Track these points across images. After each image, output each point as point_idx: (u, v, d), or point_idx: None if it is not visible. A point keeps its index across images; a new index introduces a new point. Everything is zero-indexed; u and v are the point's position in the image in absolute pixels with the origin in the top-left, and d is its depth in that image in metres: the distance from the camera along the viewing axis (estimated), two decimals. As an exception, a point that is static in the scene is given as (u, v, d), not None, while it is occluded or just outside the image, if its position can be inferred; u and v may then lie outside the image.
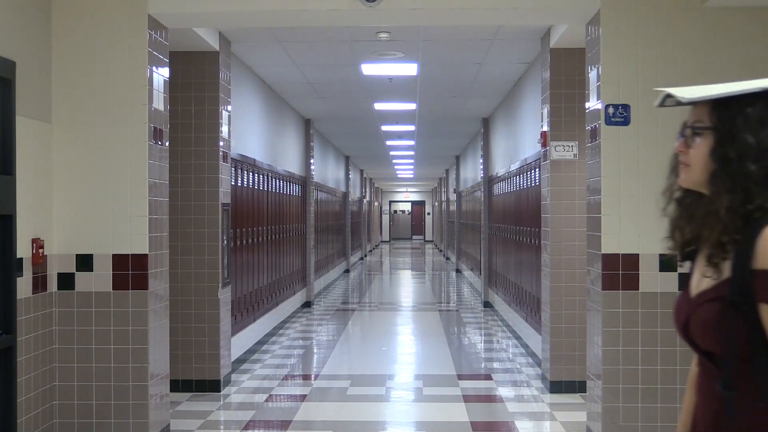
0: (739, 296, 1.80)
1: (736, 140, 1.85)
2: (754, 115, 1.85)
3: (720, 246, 1.86)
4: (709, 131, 1.90)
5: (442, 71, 9.77)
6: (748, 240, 1.78)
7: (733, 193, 1.84)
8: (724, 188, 1.85)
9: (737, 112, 1.87)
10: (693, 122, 1.94)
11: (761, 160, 1.83)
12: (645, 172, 5.31)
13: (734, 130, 1.86)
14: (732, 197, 1.84)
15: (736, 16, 5.29)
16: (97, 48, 5.45)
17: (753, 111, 1.85)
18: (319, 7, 5.48)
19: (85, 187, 5.45)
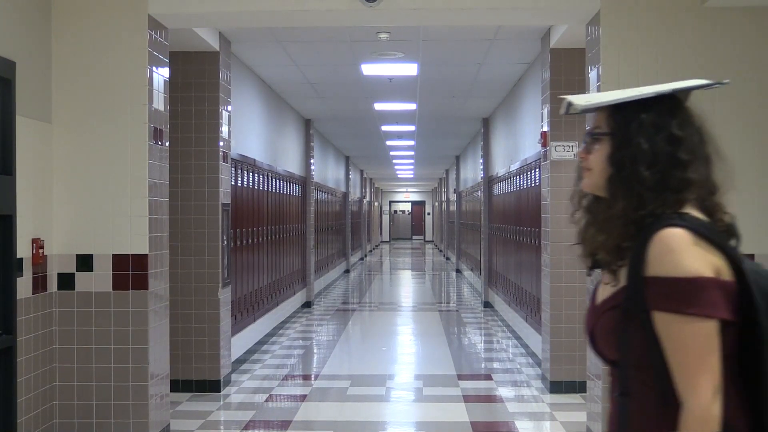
0: (632, 304, 1.79)
1: (631, 146, 1.84)
2: (648, 121, 1.84)
3: (616, 252, 1.84)
4: (607, 137, 1.88)
5: (442, 71, 9.77)
6: (640, 246, 1.77)
7: (627, 198, 1.83)
8: (620, 193, 1.84)
9: (632, 118, 1.86)
10: (593, 128, 1.92)
11: (654, 166, 1.82)
12: (645, 172, 5.30)
13: (629, 136, 1.85)
14: (626, 203, 1.83)
15: (736, 16, 5.29)
16: (97, 48, 5.45)
17: (647, 117, 1.85)
18: (319, 7, 5.47)
19: (85, 187, 5.45)
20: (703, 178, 1.86)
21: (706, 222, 1.81)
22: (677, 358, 1.73)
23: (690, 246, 1.74)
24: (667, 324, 1.73)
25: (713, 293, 1.72)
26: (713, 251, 1.77)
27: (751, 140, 5.31)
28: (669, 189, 1.82)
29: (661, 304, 1.73)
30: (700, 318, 1.71)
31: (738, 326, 1.76)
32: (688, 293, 1.71)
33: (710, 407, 1.70)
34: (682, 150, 1.84)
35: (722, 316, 1.73)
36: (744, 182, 5.28)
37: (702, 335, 1.71)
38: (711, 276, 1.73)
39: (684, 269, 1.72)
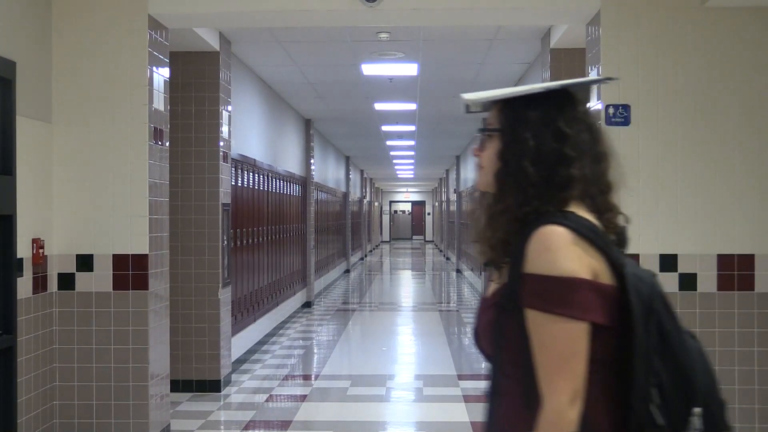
0: (508, 301, 1.76)
1: (517, 142, 1.82)
2: (536, 117, 1.82)
3: (501, 248, 1.82)
4: (497, 133, 1.87)
5: (442, 71, 9.77)
6: (521, 243, 1.74)
7: (512, 194, 1.81)
8: (505, 189, 1.82)
9: (520, 114, 1.84)
10: (486, 125, 1.91)
11: (540, 163, 1.79)
12: (645, 172, 5.31)
13: (516, 132, 1.83)
14: (511, 199, 1.81)
15: (736, 16, 5.29)
16: (98, 48, 5.45)
17: (535, 113, 1.82)
18: (319, 7, 5.48)
19: (86, 187, 5.45)
20: (591, 176, 1.81)
21: (591, 222, 1.77)
22: (540, 358, 1.69)
23: (568, 245, 1.70)
24: (535, 322, 1.70)
25: (586, 295, 1.68)
26: (593, 252, 1.73)
27: (752, 140, 5.31)
28: (554, 186, 1.78)
29: (532, 302, 1.70)
30: (567, 319, 1.67)
31: (617, 331, 1.71)
32: (558, 293, 1.68)
33: (566, 411, 1.66)
34: (568, 147, 1.79)
35: (593, 320, 1.69)
36: (744, 182, 5.30)
37: (567, 337, 1.67)
38: (585, 277, 1.69)
39: (558, 268, 1.68)
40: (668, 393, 1.67)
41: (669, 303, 1.74)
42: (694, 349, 1.73)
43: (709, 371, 1.73)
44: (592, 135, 1.85)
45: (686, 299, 5.29)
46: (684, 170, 5.31)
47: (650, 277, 1.74)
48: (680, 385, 1.68)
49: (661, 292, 1.73)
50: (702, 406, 1.68)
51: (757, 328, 5.27)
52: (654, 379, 1.67)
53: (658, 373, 1.67)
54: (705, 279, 5.29)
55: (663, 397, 1.67)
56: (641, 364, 1.67)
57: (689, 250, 5.30)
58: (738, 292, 5.28)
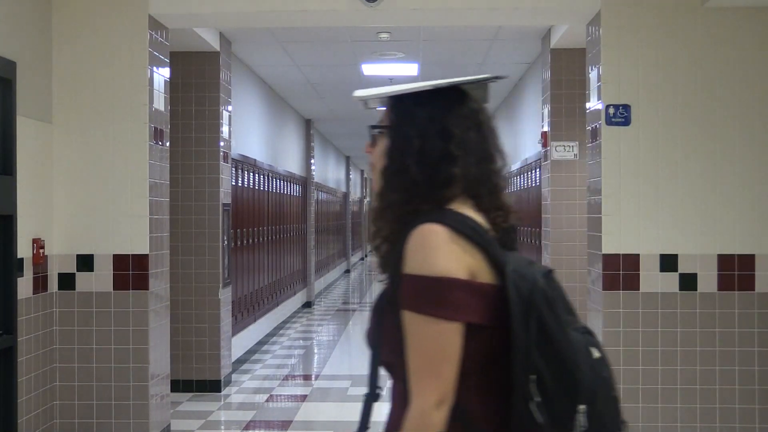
0: (387, 301, 1.75)
1: (403, 140, 1.80)
2: (422, 116, 1.80)
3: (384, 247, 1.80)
4: (386, 131, 1.85)
5: (442, 71, 9.76)
6: (402, 242, 1.71)
7: (395, 192, 1.78)
8: (389, 187, 1.80)
9: (407, 112, 1.81)
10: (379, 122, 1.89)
11: (423, 161, 1.77)
12: (645, 172, 5.31)
13: (403, 130, 1.81)
14: (394, 197, 1.78)
15: (736, 17, 5.29)
16: (98, 48, 5.45)
17: (422, 110, 1.80)
18: (319, 8, 5.48)
19: (86, 187, 5.45)
20: (477, 175, 1.79)
21: (472, 220, 1.73)
22: (411, 359, 1.67)
23: (444, 244, 1.67)
24: (408, 323, 1.67)
25: (459, 295, 1.65)
26: (473, 251, 1.69)
27: (753, 140, 5.31)
28: (437, 184, 1.76)
29: (406, 302, 1.67)
30: (439, 320, 1.64)
31: (499, 330, 1.67)
32: (431, 293, 1.65)
33: (431, 413, 1.64)
34: (453, 145, 1.77)
35: (467, 320, 1.66)
36: (745, 182, 5.30)
37: (438, 338, 1.64)
38: (460, 277, 1.66)
39: (432, 267, 1.65)
40: (551, 391, 1.63)
41: (553, 300, 1.69)
42: (580, 346, 1.68)
43: (595, 368, 1.68)
44: (480, 134, 1.83)
45: (687, 299, 5.29)
46: (684, 170, 5.31)
47: (534, 275, 1.70)
48: (563, 383, 1.63)
49: (544, 289, 1.68)
50: (587, 404, 1.64)
51: (758, 328, 5.27)
52: (534, 377, 1.63)
53: (539, 371, 1.63)
54: (705, 279, 5.29)
55: (545, 395, 1.63)
56: (519, 362, 1.63)
57: (690, 250, 5.30)
58: (738, 292, 5.28)
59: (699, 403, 5.25)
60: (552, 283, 1.75)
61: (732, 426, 5.24)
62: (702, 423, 5.24)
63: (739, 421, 5.24)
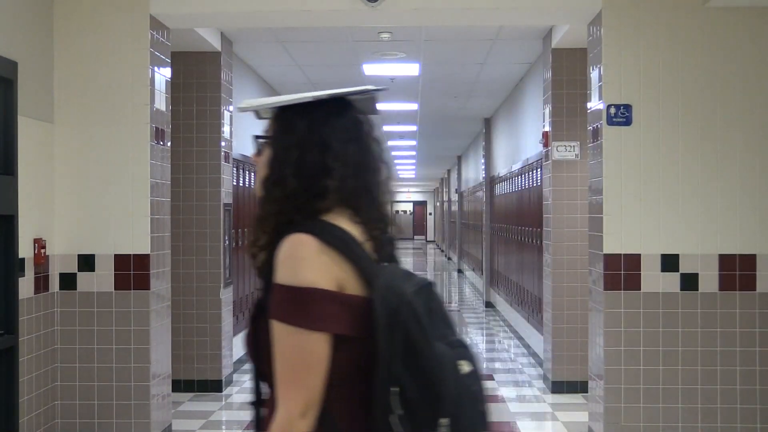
0: (259, 310, 1.77)
1: (283, 150, 1.82)
2: (302, 127, 1.82)
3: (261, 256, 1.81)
4: (270, 141, 1.86)
5: (443, 71, 9.77)
6: (275, 252, 1.73)
7: (272, 203, 1.81)
8: (268, 197, 1.82)
9: (288, 123, 1.84)
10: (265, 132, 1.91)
11: (301, 172, 1.79)
12: (647, 172, 5.31)
13: (283, 140, 1.83)
14: (271, 207, 1.81)
15: (737, 16, 5.29)
16: (99, 48, 5.46)
17: (302, 122, 1.82)
18: (320, 8, 5.48)
19: (87, 187, 5.45)
20: (355, 187, 1.80)
21: (345, 233, 1.75)
22: (278, 367, 1.69)
23: (313, 255, 1.69)
24: (276, 331, 1.69)
25: (325, 306, 1.67)
26: (342, 263, 1.71)
27: (754, 140, 5.30)
28: (312, 196, 1.78)
29: (274, 311, 1.69)
30: (304, 330, 1.66)
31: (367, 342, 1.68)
32: (298, 303, 1.67)
33: (296, 423, 1.65)
34: (330, 157, 1.79)
35: (332, 331, 1.67)
36: (746, 182, 5.29)
37: (303, 348, 1.66)
38: (327, 288, 1.68)
39: (300, 278, 1.67)
40: (414, 403, 1.64)
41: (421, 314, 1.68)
42: (446, 360, 1.69)
43: (461, 382, 1.70)
44: (360, 146, 1.84)
45: (688, 299, 5.29)
46: (686, 170, 5.31)
47: (403, 288, 1.70)
48: (426, 396, 1.64)
49: (412, 303, 1.68)
50: (449, 417, 1.65)
51: (759, 328, 5.27)
52: (397, 389, 1.64)
53: (402, 383, 1.64)
54: (707, 279, 5.28)
55: (408, 408, 1.64)
56: (381, 374, 1.65)
57: (691, 250, 5.30)
58: (740, 292, 5.28)
59: (700, 403, 5.25)
60: (428, 296, 1.76)
61: (733, 426, 5.24)
62: (703, 423, 5.24)
63: (741, 421, 5.24)
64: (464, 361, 1.73)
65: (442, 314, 1.77)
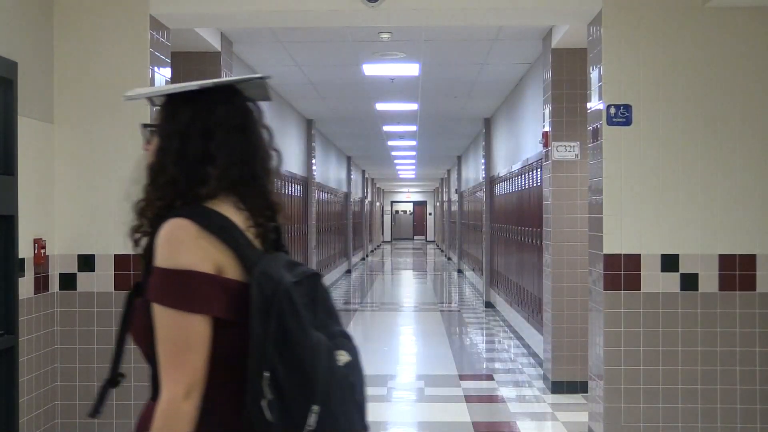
0: (139, 292, 1.80)
1: (167, 139, 1.85)
2: (186, 116, 1.84)
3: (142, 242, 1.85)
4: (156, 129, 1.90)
5: (443, 71, 9.77)
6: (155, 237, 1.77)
7: (155, 189, 1.84)
8: (151, 184, 1.86)
9: (173, 112, 1.86)
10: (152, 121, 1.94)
11: (183, 160, 1.81)
12: (646, 172, 5.31)
13: (167, 129, 1.86)
14: (153, 193, 1.84)
15: (738, 16, 5.29)
16: (99, 48, 5.46)
17: (186, 111, 1.84)
18: (320, 8, 5.48)
19: (87, 187, 5.45)
20: (239, 175, 1.83)
21: (225, 219, 1.78)
22: (160, 350, 1.71)
23: (190, 238, 1.72)
24: (156, 314, 1.72)
25: (204, 288, 1.70)
26: (221, 247, 1.74)
27: (753, 140, 5.30)
28: (193, 183, 1.81)
29: (153, 294, 1.72)
30: (184, 312, 1.69)
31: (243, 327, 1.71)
32: (175, 286, 1.70)
33: (180, 404, 1.67)
34: (213, 145, 1.82)
35: (211, 313, 1.71)
36: (746, 182, 5.29)
37: (183, 330, 1.69)
38: (205, 271, 1.71)
39: (177, 261, 1.71)
40: (285, 389, 1.67)
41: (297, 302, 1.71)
42: (322, 348, 1.71)
43: (336, 371, 1.72)
44: (246, 134, 1.87)
45: (688, 299, 5.29)
46: (685, 170, 5.31)
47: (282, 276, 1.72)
48: (298, 382, 1.67)
49: (289, 291, 1.70)
50: (320, 404, 1.68)
51: (759, 329, 5.27)
52: (268, 375, 1.66)
53: (274, 369, 1.66)
54: (706, 279, 5.28)
55: (280, 393, 1.66)
56: (254, 359, 1.67)
57: (691, 250, 5.30)
58: (740, 293, 5.28)
59: (700, 403, 5.25)
60: (313, 286, 1.78)
61: (733, 426, 5.24)
62: (703, 423, 5.24)
63: (741, 422, 5.24)
64: (343, 351, 1.76)
65: (326, 305, 1.80)
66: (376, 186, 39.65)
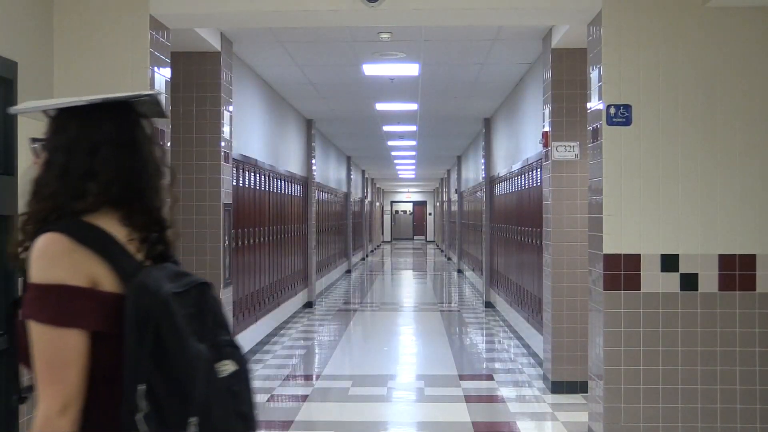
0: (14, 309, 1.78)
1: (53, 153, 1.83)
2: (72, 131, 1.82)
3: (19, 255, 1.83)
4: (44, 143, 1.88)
5: (443, 71, 9.77)
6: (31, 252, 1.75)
7: (36, 203, 1.83)
8: (34, 198, 1.84)
9: (59, 127, 1.85)
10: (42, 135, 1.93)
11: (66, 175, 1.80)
12: (646, 172, 5.31)
13: (53, 144, 1.84)
14: (33, 208, 1.83)
15: (737, 17, 5.29)
16: (99, 48, 5.46)
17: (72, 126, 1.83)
18: (320, 8, 5.48)
19: (87, 187, 5.44)
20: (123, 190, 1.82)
21: (100, 231, 1.77)
22: (36, 365, 1.70)
23: (63, 253, 1.71)
24: (31, 330, 1.71)
25: (77, 303, 1.69)
26: (96, 261, 1.73)
27: (753, 140, 5.30)
28: (73, 197, 1.79)
29: (28, 310, 1.71)
30: (56, 327, 1.68)
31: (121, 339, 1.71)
32: (49, 301, 1.68)
33: (55, 420, 1.67)
34: (97, 160, 1.81)
35: (85, 327, 1.69)
36: (746, 182, 5.29)
37: (57, 345, 1.68)
38: (78, 285, 1.70)
39: (48, 276, 1.70)
40: (164, 402, 1.66)
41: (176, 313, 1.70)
42: (201, 360, 1.71)
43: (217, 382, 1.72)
44: (134, 151, 1.86)
45: (688, 299, 5.29)
46: (685, 170, 5.31)
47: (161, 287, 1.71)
48: (175, 394, 1.67)
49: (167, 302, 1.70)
50: (199, 416, 1.67)
51: (759, 329, 5.27)
52: (144, 387, 1.66)
53: (150, 382, 1.66)
54: (706, 279, 5.29)
55: (157, 406, 1.66)
56: (128, 372, 1.67)
57: (691, 250, 5.30)
58: (739, 292, 5.28)
59: (700, 403, 5.25)
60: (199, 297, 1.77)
61: (733, 426, 5.24)
62: (703, 423, 5.24)
63: (740, 422, 5.24)
64: (228, 361, 1.76)
65: (214, 315, 1.79)
66: (376, 186, 39.65)
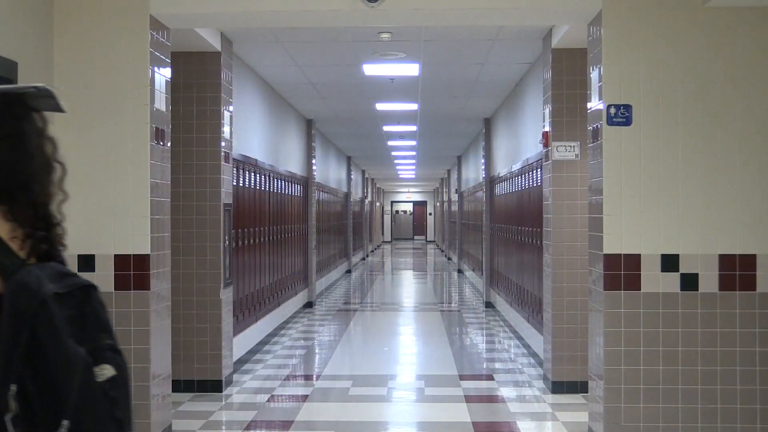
0: None
1: None
2: None
3: None
4: None
5: (443, 71, 9.77)
6: None
7: None
8: None
9: None
10: None
11: None
12: (646, 172, 5.31)
13: None
14: None
15: (737, 16, 5.29)
16: (99, 49, 5.46)
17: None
18: (320, 8, 5.48)
19: (87, 187, 5.45)
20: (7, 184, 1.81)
21: None
22: None
23: None
24: None
25: None
26: None
27: (754, 140, 5.30)
28: None
29: None
30: None
31: None
32: None
33: None
34: None
35: None
36: (746, 182, 5.29)
37: None
38: None
39: None
40: (35, 404, 1.65)
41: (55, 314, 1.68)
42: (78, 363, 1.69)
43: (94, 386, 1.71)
44: (19, 144, 1.86)
45: (688, 299, 5.29)
46: (686, 170, 5.31)
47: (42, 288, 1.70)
48: (48, 396, 1.65)
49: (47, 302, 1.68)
50: (71, 420, 1.66)
51: (759, 329, 5.27)
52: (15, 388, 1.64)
53: (22, 382, 1.64)
54: (707, 279, 5.28)
55: (27, 407, 1.64)
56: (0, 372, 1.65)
57: (691, 250, 5.30)
58: (740, 292, 5.28)
59: (700, 403, 5.25)
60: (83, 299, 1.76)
61: (733, 426, 5.23)
62: (703, 423, 5.24)
63: (741, 422, 5.24)
64: (108, 366, 1.74)
65: (97, 318, 1.77)
66: (376, 186, 39.65)
